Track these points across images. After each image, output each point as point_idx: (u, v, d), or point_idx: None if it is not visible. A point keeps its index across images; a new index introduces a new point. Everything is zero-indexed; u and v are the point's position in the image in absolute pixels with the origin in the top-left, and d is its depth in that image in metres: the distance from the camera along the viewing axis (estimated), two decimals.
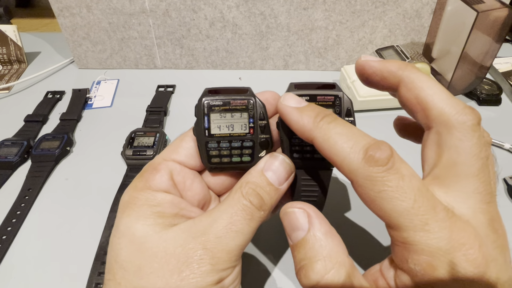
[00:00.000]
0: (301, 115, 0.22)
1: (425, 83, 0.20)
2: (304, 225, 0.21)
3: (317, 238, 0.20)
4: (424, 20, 0.55)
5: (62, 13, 0.56)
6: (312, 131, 0.21)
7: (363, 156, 0.18)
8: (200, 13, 0.55)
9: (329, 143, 0.20)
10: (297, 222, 0.21)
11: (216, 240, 0.21)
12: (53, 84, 0.59)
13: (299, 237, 0.20)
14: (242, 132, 0.25)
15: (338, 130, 0.20)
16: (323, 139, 0.20)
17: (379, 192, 0.17)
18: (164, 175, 0.24)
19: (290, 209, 0.22)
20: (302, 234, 0.20)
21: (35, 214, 0.39)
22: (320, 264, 0.19)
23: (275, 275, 0.33)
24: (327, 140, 0.20)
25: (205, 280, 0.20)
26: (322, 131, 0.20)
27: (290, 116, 0.22)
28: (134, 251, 0.21)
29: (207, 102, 0.25)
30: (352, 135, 0.19)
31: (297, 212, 0.21)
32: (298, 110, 0.22)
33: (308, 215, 0.21)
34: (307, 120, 0.21)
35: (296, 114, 0.22)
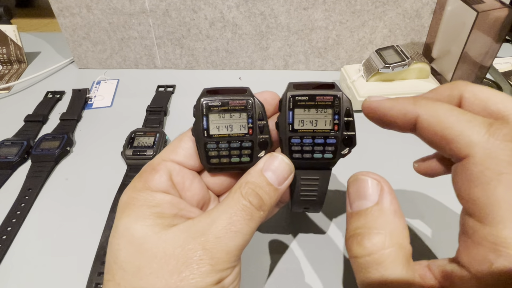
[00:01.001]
0: (396, 100, 0.21)
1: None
2: (373, 196, 0.20)
3: (384, 213, 0.19)
4: (424, 20, 0.55)
5: (62, 13, 0.56)
6: (415, 109, 0.20)
7: (486, 129, 0.17)
8: (200, 13, 0.55)
9: (439, 117, 0.18)
10: (367, 191, 0.20)
11: (215, 240, 0.21)
12: (53, 84, 0.59)
13: (363, 207, 0.20)
14: (241, 133, 0.25)
15: (445, 106, 0.19)
16: (431, 115, 0.19)
17: (499, 174, 0.16)
18: (163, 175, 0.24)
19: (364, 177, 0.20)
20: (367, 204, 0.20)
21: (35, 214, 0.39)
22: (380, 237, 0.18)
23: (275, 275, 0.33)
24: (437, 115, 0.19)
25: (205, 280, 0.20)
26: (429, 107, 0.19)
27: (383, 104, 0.22)
28: (133, 251, 0.21)
29: (205, 103, 0.25)
30: (464, 111, 0.18)
31: (370, 182, 0.20)
32: (391, 99, 0.22)
33: (381, 188, 0.20)
34: (406, 102, 0.21)
35: (389, 101, 0.21)
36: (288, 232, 0.36)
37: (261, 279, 0.33)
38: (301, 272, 0.33)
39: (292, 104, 0.25)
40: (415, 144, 0.45)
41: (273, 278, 0.33)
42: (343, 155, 0.25)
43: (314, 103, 0.25)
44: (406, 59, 0.49)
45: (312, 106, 0.25)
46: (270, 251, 0.35)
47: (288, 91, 0.25)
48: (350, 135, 0.25)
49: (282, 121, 0.25)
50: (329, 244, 0.35)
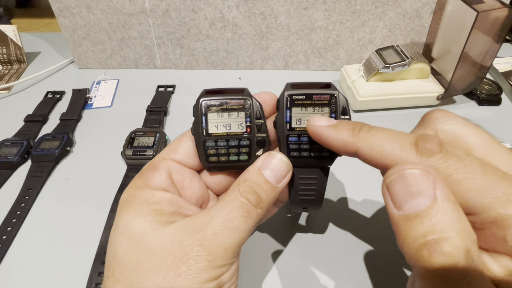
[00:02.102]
0: (338, 131, 0.22)
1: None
2: (428, 191, 0.17)
3: (447, 209, 0.16)
4: (424, 20, 0.55)
5: (62, 13, 0.56)
6: (355, 143, 0.21)
7: (416, 151, 0.18)
8: (200, 13, 0.55)
9: (376, 150, 0.20)
10: (419, 186, 0.17)
11: (212, 237, 0.21)
12: (53, 84, 0.59)
13: (421, 206, 0.17)
14: (239, 131, 0.25)
15: (380, 135, 0.20)
16: (368, 147, 0.20)
17: (446, 179, 0.17)
18: (163, 173, 0.24)
19: (412, 170, 0.17)
20: (425, 202, 0.16)
21: (35, 214, 0.39)
22: (459, 239, 0.16)
23: (275, 275, 0.33)
24: (373, 147, 0.20)
25: (202, 276, 0.20)
26: (365, 140, 0.20)
27: (326, 134, 0.22)
28: (132, 248, 0.21)
29: (204, 102, 0.25)
30: (395, 136, 0.19)
31: (418, 175, 0.17)
32: (333, 128, 0.22)
33: (434, 179, 0.17)
34: (346, 134, 0.21)
35: (332, 132, 0.22)
36: (288, 232, 0.36)
37: (261, 279, 0.33)
38: (301, 272, 0.33)
39: (289, 103, 0.25)
40: None
41: (273, 278, 0.33)
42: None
43: (311, 102, 0.25)
44: (406, 59, 0.49)
45: (309, 105, 0.25)
46: (270, 251, 0.35)
47: (285, 91, 0.25)
48: None
49: (279, 120, 0.25)
50: (329, 244, 0.35)
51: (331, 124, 0.23)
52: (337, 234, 0.36)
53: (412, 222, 0.17)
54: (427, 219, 0.16)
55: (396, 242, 0.18)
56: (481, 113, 0.52)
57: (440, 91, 0.50)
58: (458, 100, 0.54)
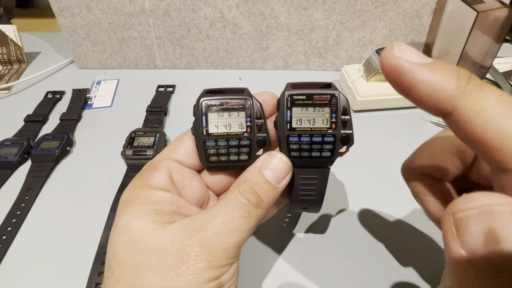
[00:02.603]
0: (436, 74, 0.15)
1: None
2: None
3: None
4: (424, 20, 0.55)
5: (62, 13, 0.56)
6: (457, 99, 0.15)
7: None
8: (200, 13, 0.55)
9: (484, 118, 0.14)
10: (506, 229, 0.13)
11: (212, 237, 0.21)
12: (53, 84, 0.59)
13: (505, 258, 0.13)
14: (239, 131, 0.25)
15: (496, 98, 0.14)
16: (475, 111, 0.14)
17: None
18: (163, 173, 0.24)
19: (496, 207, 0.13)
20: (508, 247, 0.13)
21: (35, 214, 0.39)
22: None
23: (275, 275, 0.33)
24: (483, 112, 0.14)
25: (202, 276, 0.20)
26: (473, 100, 0.14)
27: (416, 75, 0.15)
28: (132, 248, 0.21)
29: (205, 102, 0.25)
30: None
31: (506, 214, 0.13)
32: (428, 68, 0.15)
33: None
34: (448, 82, 0.15)
35: (427, 73, 0.15)
36: (288, 232, 0.36)
37: (261, 279, 0.33)
38: (301, 272, 0.33)
39: (290, 103, 0.25)
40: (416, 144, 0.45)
41: (273, 278, 0.33)
42: (341, 153, 0.26)
43: (312, 102, 0.25)
44: None
45: (310, 105, 0.25)
46: (270, 251, 0.35)
47: (286, 91, 0.25)
48: (348, 133, 0.25)
49: (280, 120, 0.25)
50: (329, 244, 0.35)
51: (425, 61, 0.16)
52: (337, 234, 0.36)
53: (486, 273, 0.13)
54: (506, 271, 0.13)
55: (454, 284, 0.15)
56: None
57: None
58: None
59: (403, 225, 0.37)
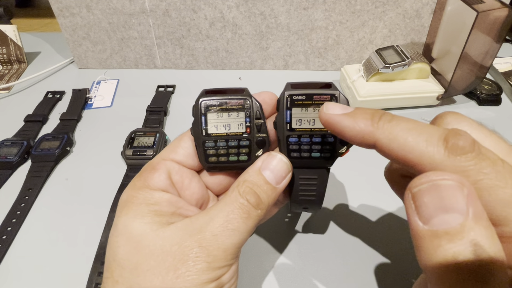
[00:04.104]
0: (355, 120, 0.19)
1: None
2: (462, 206, 0.15)
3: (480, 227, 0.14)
4: (424, 20, 0.55)
5: (62, 13, 0.56)
6: (374, 133, 0.19)
7: (444, 147, 0.16)
8: (200, 13, 0.55)
9: (398, 142, 0.17)
10: (452, 201, 0.15)
11: (212, 238, 0.21)
12: (53, 84, 0.59)
13: (452, 223, 0.15)
14: (238, 132, 0.25)
15: (403, 125, 0.18)
16: (389, 139, 0.18)
17: (475, 184, 0.15)
18: (162, 174, 0.24)
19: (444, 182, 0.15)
20: (458, 219, 0.15)
21: (35, 214, 0.39)
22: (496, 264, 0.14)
23: (275, 275, 0.33)
24: (395, 139, 0.18)
25: (201, 277, 0.20)
26: (386, 131, 0.18)
27: (341, 124, 0.20)
28: (131, 249, 0.21)
29: (204, 102, 0.25)
30: (421, 128, 0.17)
31: (452, 187, 0.15)
32: (349, 116, 0.20)
33: (468, 193, 0.15)
34: (364, 123, 0.19)
35: (348, 121, 0.20)
36: (288, 232, 0.36)
37: (261, 279, 0.33)
38: (301, 272, 0.33)
39: (289, 104, 0.25)
40: None
41: (273, 278, 0.33)
42: (341, 154, 0.26)
43: (312, 102, 0.25)
44: (406, 59, 0.49)
45: (310, 105, 0.25)
46: (270, 251, 0.35)
47: (285, 91, 0.25)
48: None
49: (280, 121, 0.25)
50: (329, 244, 0.35)
51: (347, 112, 0.20)
52: (337, 234, 0.36)
53: (440, 239, 0.15)
54: (458, 238, 0.14)
55: (417, 256, 0.16)
56: (481, 113, 0.52)
57: (440, 91, 0.50)
58: (458, 100, 0.54)
59: (403, 225, 0.37)
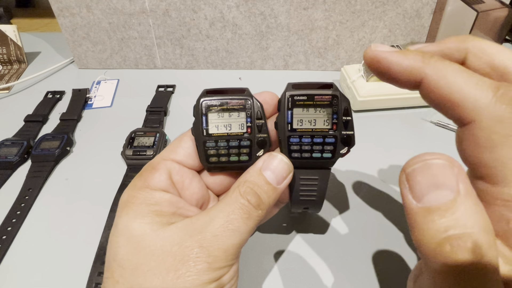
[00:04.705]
0: (405, 55, 0.19)
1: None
2: (452, 184, 0.16)
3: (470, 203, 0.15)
4: (424, 20, 0.55)
5: (62, 13, 0.56)
6: (423, 68, 0.18)
7: (493, 94, 0.16)
8: (200, 13, 0.55)
9: (447, 80, 0.17)
10: (445, 178, 0.16)
11: (212, 238, 0.21)
12: (53, 84, 0.59)
13: (444, 199, 0.16)
14: (239, 132, 0.25)
15: (455, 67, 0.18)
16: (438, 76, 0.18)
17: (506, 137, 0.16)
18: (162, 174, 0.24)
19: (437, 161, 0.16)
20: (448, 195, 0.16)
21: (35, 214, 0.39)
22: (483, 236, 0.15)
23: (275, 275, 0.33)
24: (445, 76, 0.17)
25: (201, 278, 0.20)
26: (437, 67, 0.18)
27: (389, 59, 0.19)
28: (132, 249, 0.21)
29: (205, 103, 0.25)
30: (473, 73, 0.17)
31: (443, 166, 0.16)
32: (399, 52, 0.19)
33: (458, 172, 0.16)
34: (414, 59, 0.19)
35: (397, 56, 0.19)
36: (288, 232, 0.36)
37: (261, 279, 0.33)
38: (301, 272, 0.33)
39: (291, 104, 0.25)
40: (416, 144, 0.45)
41: (273, 278, 0.33)
42: (342, 154, 0.26)
43: (313, 102, 0.25)
44: None
45: (311, 106, 0.25)
46: (270, 251, 0.35)
47: (286, 91, 0.25)
48: (349, 134, 0.25)
49: (281, 121, 0.25)
50: (329, 244, 0.35)
51: (396, 50, 0.20)
52: (338, 234, 0.36)
53: (433, 215, 0.16)
54: (449, 213, 0.15)
55: (411, 235, 0.17)
56: None
57: None
58: None
59: (404, 224, 0.37)
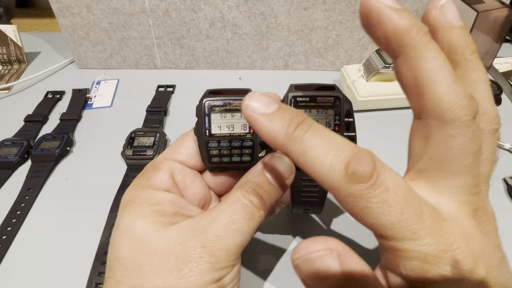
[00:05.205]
0: (272, 123, 0.18)
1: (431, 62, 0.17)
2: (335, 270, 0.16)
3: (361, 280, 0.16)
4: None
5: (62, 13, 0.56)
6: (286, 145, 0.18)
7: (344, 173, 0.16)
8: (200, 13, 0.55)
9: (306, 159, 0.17)
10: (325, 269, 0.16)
11: (215, 238, 0.21)
12: (53, 84, 0.59)
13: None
14: (242, 132, 0.25)
15: (314, 141, 0.17)
16: (298, 154, 0.17)
17: (363, 209, 0.16)
18: (164, 174, 0.24)
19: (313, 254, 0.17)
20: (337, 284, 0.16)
21: (35, 214, 0.39)
22: None
23: (275, 275, 0.33)
24: (304, 155, 0.17)
25: (204, 278, 0.20)
26: (297, 145, 0.17)
27: (259, 125, 0.18)
28: (134, 249, 0.21)
29: (208, 103, 0.25)
30: (330, 146, 0.17)
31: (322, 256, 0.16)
32: (267, 118, 0.18)
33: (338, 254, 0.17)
34: (279, 130, 0.18)
35: (266, 123, 0.18)
36: (288, 233, 0.36)
37: (261, 279, 0.33)
38: None
39: (293, 105, 0.25)
40: None
41: (273, 278, 0.33)
42: None
43: (315, 104, 0.25)
44: None
45: (313, 107, 0.25)
46: (270, 251, 0.35)
47: (289, 92, 0.25)
48: (351, 135, 0.25)
49: None
50: None
51: (267, 111, 0.18)
52: (338, 235, 0.36)
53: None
54: None
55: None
56: None
57: None
58: None
59: None
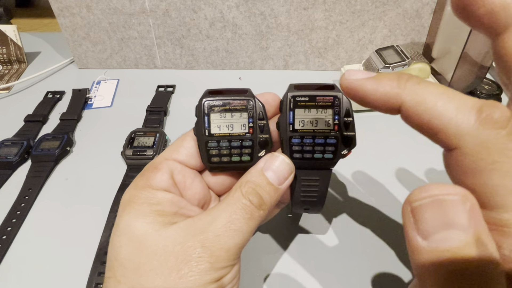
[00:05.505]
0: (379, 82, 0.18)
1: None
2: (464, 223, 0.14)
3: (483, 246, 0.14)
4: (424, 20, 0.55)
5: (62, 13, 0.56)
6: (400, 95, 0.17)
7: (476, 117, 0.15)
8: (200, 13, 0.55)
9: (425, 105, 0.16)
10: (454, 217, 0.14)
11: (215, 238, 0.21)
12: (53, 84, 0.59)
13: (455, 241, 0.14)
14: (241, 132, 0.25)
15: (433, 89, 0.17)
16: (416, 102, 0.17)
17: (492, 164, 0.14)
18: (164, 174, 0.24)
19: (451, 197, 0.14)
20: (460, 237, 0.14)
21: (35, 214, 0.39)
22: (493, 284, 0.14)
23: (275, 275, 0.33)
24: (423, 101, 0.16)
25: (204, 278, 0.20)
26: (414, 93, 0.17)
27: (364, 88, 0.18)
28: (134, 249, 0.21)
29: (207, 103, 0.25)
30: (453, 94, 0.16)
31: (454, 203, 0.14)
32: (373, 79, 0.19)
33: (471, 208, 0.14)
34: (389, 85, 0.18)
35: (372, 83, 0.18)
36: (288, 232, 0.36)
37: (261, 279, 0.33)
38: (301, 272, 0.33)
39: (292, 105, 0.25)
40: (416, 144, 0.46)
41: (273, 278, 0.33)
42: (343, 155, 0.26)
43: (315, 103, 0.25)
44: (406, 59, 0.49)
45: (313, 107, 0.25)
46: (270, 251, 0.35)
47: (288, 92, 0.25)
48: (350, 135, 0.25)
49: (282, 121, 0.25)
50: (329, 245, 0.35)
51: (371, 76, 0.19)
52: (338, 235, 0.36)
53: (440, 256, 0.14)
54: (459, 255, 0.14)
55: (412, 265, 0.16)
56: None
57: None
58: None
59: None
